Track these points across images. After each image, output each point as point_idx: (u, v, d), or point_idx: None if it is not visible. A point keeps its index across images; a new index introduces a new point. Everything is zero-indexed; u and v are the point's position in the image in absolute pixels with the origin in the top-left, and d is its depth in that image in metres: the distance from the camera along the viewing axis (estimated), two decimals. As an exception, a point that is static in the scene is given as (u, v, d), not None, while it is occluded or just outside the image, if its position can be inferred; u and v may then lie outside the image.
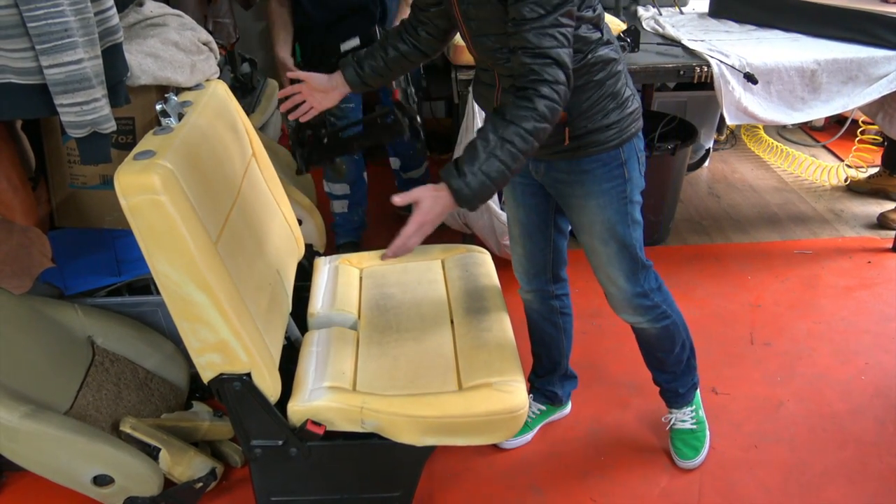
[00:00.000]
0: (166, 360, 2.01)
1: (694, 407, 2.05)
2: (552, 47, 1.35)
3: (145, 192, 1.29)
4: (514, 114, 1.36)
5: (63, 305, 1.93)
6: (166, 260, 1.34)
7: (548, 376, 2.14)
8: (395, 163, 3.17)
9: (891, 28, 2.54)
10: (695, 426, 2.03)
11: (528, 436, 2.13)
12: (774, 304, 2.69)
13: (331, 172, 2.94)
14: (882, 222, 3.19)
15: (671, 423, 2.05)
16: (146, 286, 2.12)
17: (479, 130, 1.41)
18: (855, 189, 3.52)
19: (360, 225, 3.07)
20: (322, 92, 1.77)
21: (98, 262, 2.04)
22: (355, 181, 2.94)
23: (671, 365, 1.97)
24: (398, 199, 1.42)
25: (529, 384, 2.12)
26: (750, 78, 2.45)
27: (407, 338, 1.78)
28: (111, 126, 1.47)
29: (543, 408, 2.17)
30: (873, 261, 2.95)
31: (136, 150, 1.40)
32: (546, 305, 2.03)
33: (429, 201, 1.39)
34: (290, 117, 1.81)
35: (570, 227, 1.89)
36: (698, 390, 2.07)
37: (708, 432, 2.05)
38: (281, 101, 1.83)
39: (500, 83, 1.60)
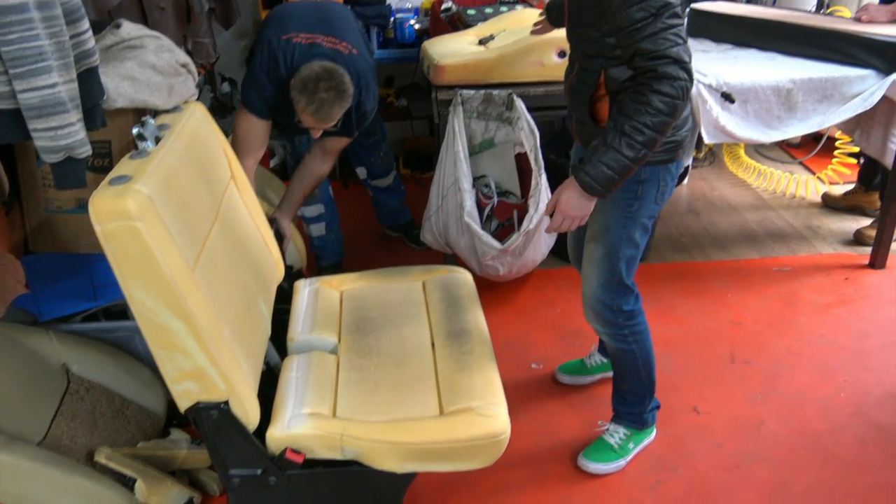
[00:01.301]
0: (143, 387, 1.98)
1: (629, 434, 2.08)
2: (668, 48, 1.47)
3: (120, 219, 1.27)
4: (631, 108, 1.51)
5: (37, 332, 1.89)
6: (142, 287, 1.32)
7: None
8: (361, 172, 3.17)
9: (864, 47, 2.58)
10: (617, 448, 2.06)
11: (585, 379, 2.39)
12: (754, 322, 2.71)
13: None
14: (858, 239, 3.22)
15: (603, 429, 2.11)
16: (123, 311, 2.09)
17: (604, 128, 1.59)
18: (831, 205, 3.56)
19: (340, 242, 3.06)
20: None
21: (73, 287, 2.01)
22: (328, 200, 2.92)
23: (624, 390, 2.07)
24: (546, 211, 1.72)
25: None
26: (727, 97, 2.48)
27: (388, 361, 1.76)
28: (86, 151, 1.44)
29: (605, 360, 2.35)
30: (850, 277, 2.98)
31: (111, 174, 1.38)
32: None
33: (564, 196, 1.64)
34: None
35: None
36: (647, 433, 2.12)
37: (622, 464, 2.06)
38: None
39: (575, 72, 1.76)
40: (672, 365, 2.44)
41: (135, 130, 1.52)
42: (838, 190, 3.61)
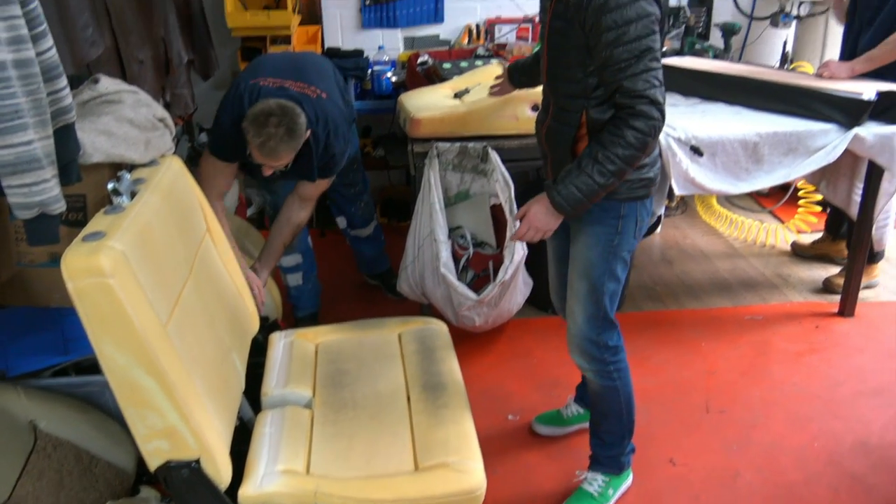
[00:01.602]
0: (112, 443, 1.93)
1: (608, 480, 2.09)
2: (647, 89, 1.59)
3: (93, 276, 1.27)
4: (607, 139, 1.64)
5: (4, 388, 1.85)
6: (113, 344, 1.31)
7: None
8: (341, 222, 3.18)
9: (826, 103, 2.67)
10: (597, 496, 2.08)
11: (562, 430, 2.40)
12: (728, 371, 2.73)
13: None
14: (827, 287, 3.28)
15: (581, 478, 2.12)
16: (94, 365, 2.05)
17: (581, 154, 1.71)
18: (800, 254, 3.63)
19: (317, 292, 3.05)
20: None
21: (44, 342, 1.97)
22: (305, 250, 2.92)
23: (604, 431, 2.08)
24: (516, 216, 1.84)
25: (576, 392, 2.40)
26: (696, 150, 2.54)
27: (363, 415, 1.75)
28: (60, 207, 1.44)
29: (582, 411, 2.36)
30: (821, 325, 3.02)
31: (85, 230, 1.38)
32: None
33: (533, 209, 1.78)
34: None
35: None
36: (625, 478, 2.13)
37: None
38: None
39: (551, 114, 1.84)
40: (649, 415, 2.45)
41: (110, 186, 1.52)
42: (806, 239, 3.68)
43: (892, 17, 2.79)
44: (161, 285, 1.45)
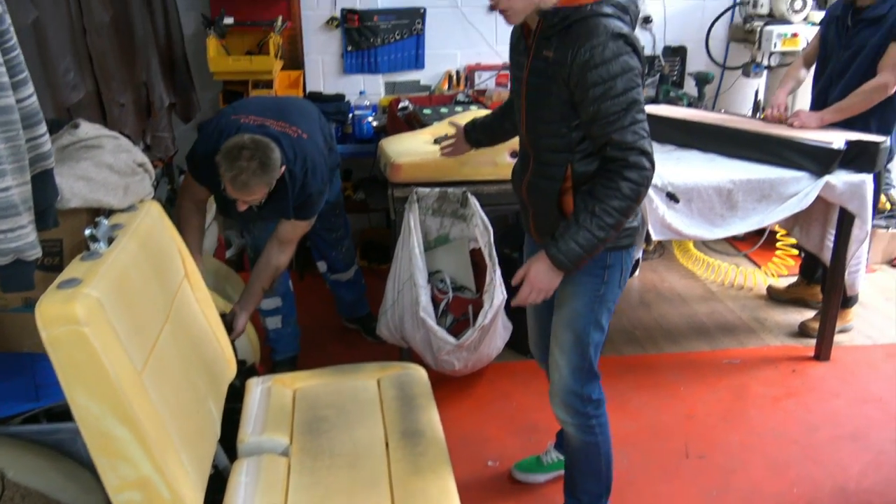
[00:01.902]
0: (83, 493, 1.88)
1: None
2: (637, 140, 1.61)
3: (67, 324, 1.26)
4: (601, 192, 1.65)
5: (-28, 435, 1.81)
6: (86, 393, 1.29)
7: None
8: (322, 266, 3.17)
9: (797, 152, 2.73)
10: None
11: (543, 476, 2.37)
12: (706, 415, 2.74)
13: None
14: (803, 331, 3.32)
15: None
16: (66, 411, 2.01)
17: (574, 208, 1.73)
18: (775, 298, 3.67)
19: (296, 336, 3.03)
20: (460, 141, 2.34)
21: (15, 388, 1.93)
22: (285, 293, 2.91)
23: (581, 490, 2.05)
24: (514, 280, 1.80)
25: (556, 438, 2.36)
26: (672, 197, 2.58)
27: (340, 464, 1.73)
28: (36, 253, 1.43)
29: (562, 457, 2.26)
30: (797, 369, 3.05)
31: (60, 277, 1.37)
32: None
33: (534, 269, 1.76)
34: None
35: None
36: None
37: None
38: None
39: (532, 168, 1.84)
40: (629, 461, 2.44)
41: (87, 232, 1.52)
42: (782, 283, 3.73)
43: (861, 71, 2.89)
44: (137, 332, 1.44)
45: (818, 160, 2.69)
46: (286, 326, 2.95)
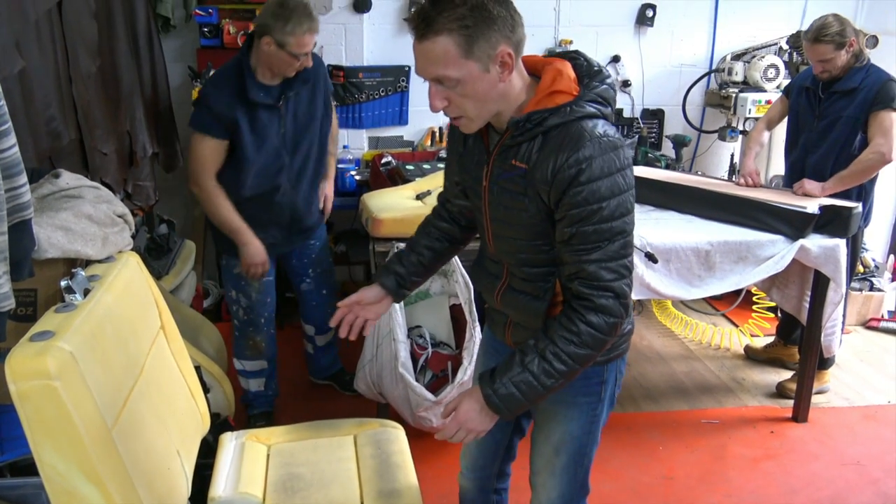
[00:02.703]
0: (44, 553, 1.82)
1: None
2: (613, 280, 1.34)
3: (38, 378, 1.23)
4: (557, 334, 1.37)
5: (-68, 490, 1.75)
6: (54, 450, 1.26)
7: None
8: (309, 329, 3.14)
9: (773, 215, 2.79)
10: None
11: None
12: (686, 477, 2.71)
13: (248, 351, 2.87)
14: (781, 391, 3.33)
15: None
16: (31, 465, 1.95)
17: (525, 343, 1.43)
18: (753, 358, 3.69)
19: (274, 395, 2.99)
20: (374, 304, 1.71)
21: (-22, 441, 1.88)
22: (272, 357, 2.90)
23: None
24: (439, 424, 1.47)
25: None
26: (650, 257, 2.61)
27: (314, 525, 1.69)
28: (9, 304, 1.41)
29: None
30: (776, 430, 3.05)
31: (33, 329, 1.35)
32: (483, 497, 1.93)
33: (465, 405, 1.44)
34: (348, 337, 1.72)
35: (529, 426, 1.83)
36: None
37: None
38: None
39: (507, 279, 1.57)
40: (606, 523, 2.40)
41: (63, 283, 1.50)
42: (759, 343, 3.75)
43: (840, 141, 3.00)
44: (109, 387, 1.41)
45: (792, 224, 2.74)
46: (267, 389, 2.94)
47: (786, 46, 4.08)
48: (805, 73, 3.20)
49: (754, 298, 3.85)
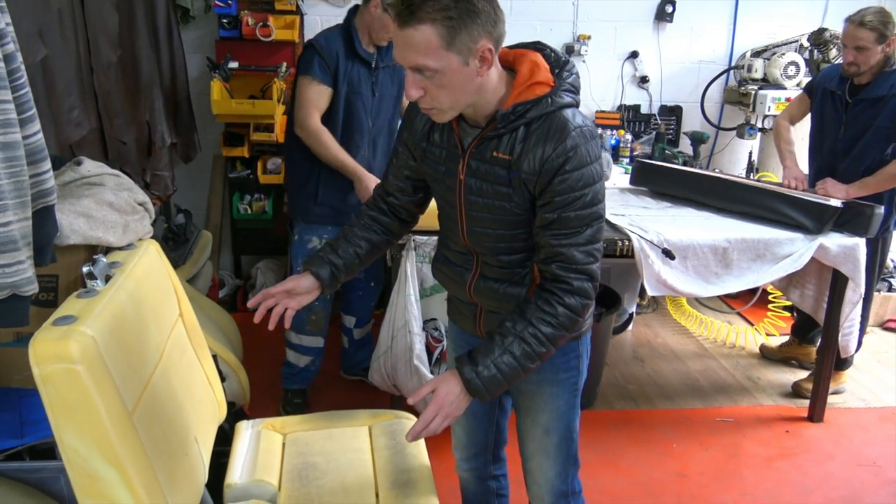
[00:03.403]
0: (62, 535, 1.84)
1: None
2: (588, 263, 1.41)
3: (61, 361, 1.24)
4: (535, 315, 1.41)
5: (-47, 472, 1.77)
6: (76, 433, 1.27)
7: None
8: (349, 321, 3.17)
9: (793, 206, 2.76)
10: None
11: None
12: (699, 474, 2.70)
13: (309, 325, 2.92)
14: (796, 391, 3.31)
15: None
16: (49, 449, 1.98)
17: (500, 324, 1.44)
18: (768, 357, 3.67)
19: (315, 372, 3.06)
20: (302, 294, 1.62)
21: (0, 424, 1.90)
22: (325, 336, 2.98)
23: None
24: (412, 399, 1.44)
25: None
26: (668, 254, 2.60)
27: (329, 513, 1.69)
28: (33, 288, 1.42)
29: None
30: (791, 430, 3.03)
31: (56, 314, 1.36)
32: (483, 486, 1.97)
33: (443, 388, 1.41)
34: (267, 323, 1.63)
35: (511, 406, 1.85)
36: None
37: None
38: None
39: (479, 268, 1.58)
40: (619, 519, 2.40)
41: (85, 269, 1.51)
42: (774, 342, 3.73)
43: (872, 151, 2.92)
44: (130, 372, 1.42)
45: (813, 216, 2.72)
46: (312, 365, 3.00)
47: (806, 44, 4.04)
48: (828, 72, 3.14)
49: (770, 297, 3.83)
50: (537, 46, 1.48)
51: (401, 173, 1.66)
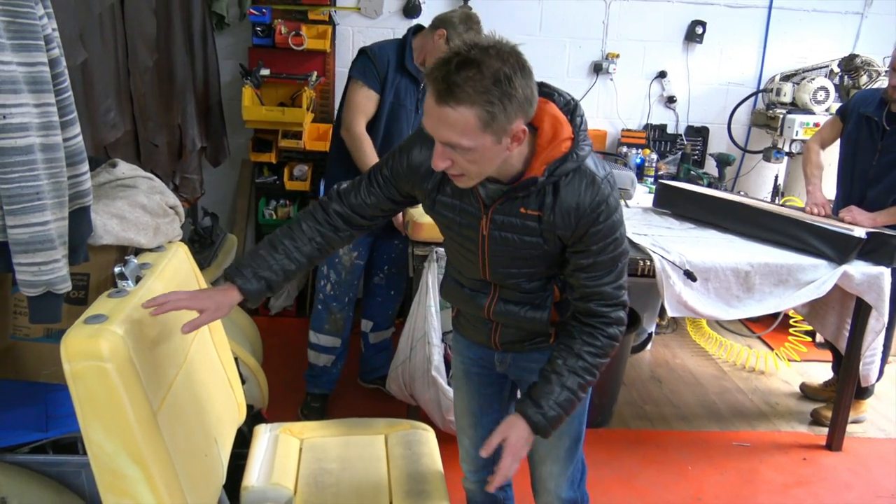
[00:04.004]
0: (82, 529, 1.87)
1: None
2: (621, 295, 1.50)
3: (91, 359, 1.27)
4: (583, 350, 1.50)
5: (-21, 462, 1.81)
6: (102, 429, 1.30)
7: None
8: (366, 325, 3.21)
9: (817, 236, 2.74)
10: None
11: None
12: (714, 498, 2.69)
13: (328, 325, 2.97)
14: (815, 418, 3.27)
15: None
16: (73, 444, 2.02)
17: (550, 361, 1.53)
18: (810, 396, 3.50)
19: (337, 375, 3.09)
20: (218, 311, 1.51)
21: (26, 417, 1.94)
22: (346, 338, 3.01)
23: None
24: (486, 452, 1.50)
25: None
26: (689, 275, 2.59)
27: (343, 520, 1.71)
28: (66, 286, 1.46)
29: None
30: (808, 457, 3.00)
31: (87, 312, 1.40)
32: (490, 498, 1.98)
33: (514, 435, 1.50)
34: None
35: None
36: None
37: None
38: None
39: (497, 293, 1.61)
40: (631, 539, 2.39)
41: (116, 269, 1.55)
42: (816, 380, 3.59)
43: None
44: (156, 372, 1.45)
45: (837, 247, 2.70)
46: (333, 367, 3.03)
47: (837, 69, 4.02)
48: (863, 97, 3.09)
49: (791, 322, 3.79)
50: (544, 91, 1.44)
51: (385, 202, 1.61)
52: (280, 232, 1.61)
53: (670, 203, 3.28)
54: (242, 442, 2.03)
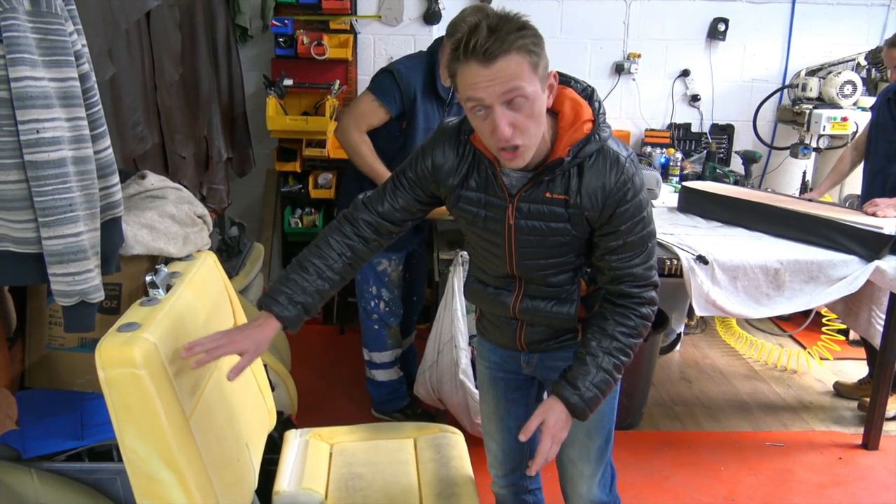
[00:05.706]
0: (118, 535, 1.91)
1: None
2: (652, 275, 1.51)
3: (125, 366, 1.30)
4: (617, 330, 1.51)
5: (18, 470, 1.85)
6: (137, 435, 1.32)
7: None
8: None
9: (847, 235, 2.70)
10: None
11: None
12: (748, 500, 2.65)
13: (391, 339, 2.99)
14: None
15: None
16: (108, 451, 2.05)
17: (583, 343, 1.54)
18: (844, 395, 3.44)
19: (405, 383, 3.10)
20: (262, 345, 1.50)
21: (62, 425, 1.98)
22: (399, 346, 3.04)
23: None
24: (524, 437, 1.50)
25: None
26: (701, 259, 2.55)
27: (374, 524, 1.72)
28: (100, 296, 1.49)
29: None
30: (844, 457, 2.95)
31: (121, 320, 1.42)
32: (520, 501, 1.97)
33: (552, 417, 1.50)
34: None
35: None
36: None
37: None
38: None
39: (523, 289, 1.62)
40: (664, 541, 2.37)
41: (148, 278, 1.58)
42: (851, 378, 3.53)
43: None
44: (188, 379, 1.48)
45: (867, 244, 2.65)
46: (400, 383, 3.06)
47: (864, 62, 3.97)
48: (891, 87, 3.12)
49: (824, 320, 3.73)
50: (561, 79, 1.47)
51: (413, 203, 1.60)
52: (308, 252, 1.59)
53: (695, 206, 3.24)
54: (273, 448, 2.05)
